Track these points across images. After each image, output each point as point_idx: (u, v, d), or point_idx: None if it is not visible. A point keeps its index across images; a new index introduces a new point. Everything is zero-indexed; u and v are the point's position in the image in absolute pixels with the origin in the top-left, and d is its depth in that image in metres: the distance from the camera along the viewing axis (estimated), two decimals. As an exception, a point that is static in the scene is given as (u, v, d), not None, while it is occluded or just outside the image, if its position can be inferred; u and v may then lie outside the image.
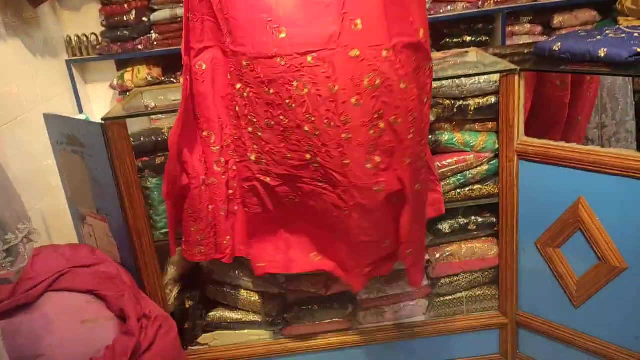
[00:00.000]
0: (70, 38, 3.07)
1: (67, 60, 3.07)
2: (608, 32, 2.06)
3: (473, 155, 2.04)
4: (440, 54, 2.37)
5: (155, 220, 2.04)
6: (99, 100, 3.28)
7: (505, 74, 1.92)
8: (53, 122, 2.10)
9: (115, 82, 3.11)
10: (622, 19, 2.88)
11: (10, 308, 1.64)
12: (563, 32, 3.12)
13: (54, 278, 1.73)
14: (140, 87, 2.92)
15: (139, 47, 3.05)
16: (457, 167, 2.03)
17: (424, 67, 1.65)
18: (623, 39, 1.94)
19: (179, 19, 3.00)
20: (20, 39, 2.57)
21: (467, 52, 2.40)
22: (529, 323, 2.15)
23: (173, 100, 2.23)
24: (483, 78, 1.98)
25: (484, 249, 2.16)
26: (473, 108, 2.01)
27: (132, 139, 1.93)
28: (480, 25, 3.19)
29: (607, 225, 1.85)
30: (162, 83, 3.11)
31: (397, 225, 1.76)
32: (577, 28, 3.13)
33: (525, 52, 2.31)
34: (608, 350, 1.95)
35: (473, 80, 1.98)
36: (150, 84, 3.03)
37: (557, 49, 2.01)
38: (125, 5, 3.02)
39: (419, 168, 1.73)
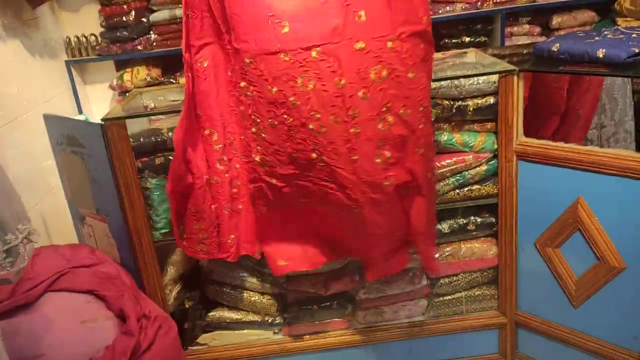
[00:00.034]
0: (70, 39, 3.07)
1: (66, 61, 3.07)
2: (606, 32, 2.06)
3: (472, 156, 2.04)
4: (439, 55, 2.37)
5: (155, 221, 2.04)
6: (99, 101, 3.28)
7: (504, 75, 1.92)
8: (53, 122, 2.10)
9: (115, 82, 3.11)
10: (620, 20, 2.89)
11: (10, 308, 1.64)
12: (562, 32, 3.12)
13: (54, 278, 1.73)
14: (140, 87, 2.92)
15: (138, 47, 3.06)
16: (456, 167, 2.04)
17: (431, 55, 1.64)
18: (621, 40, 1.94)
19: (178, 20, 3.00)
20: (20, 40, 2.57)
21: (465, 52, 2.40)
22: (528, 323, 2.15)
23: (172, 101, 2.23)
24: (482, 79, 1.98)
25: (483, 249, 2.16)
26: (472, 108, 2.01)
27: (131, 140, 1.93)
28: (479, 26, 3.20)
29: (606, 226, 1.85)
30: (161, 84, 3.11)
31: (407, 216, 1.75)
32: (575, 29, 3.14)
33: (524, 52, 2.31)
34: (607, 350, 1.96)
35: (472, 81, 1.98)
36: (150, 85, 3.03)
37: (555, 50, 2.01)
38: (125, 6, 3.02)
39: (431, 157, 1.72)
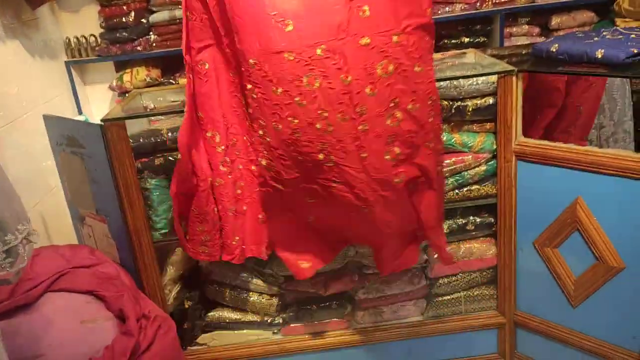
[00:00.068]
0: (70, 39, 3.07)
1: (66, 62, 3.08)
2: (605, 33, 2.07)
3: (471, 156, 2.04)
4: (439, 55, 2.37)
5: (154, 221, 2.04)
6: (98, 102, 3.28)
7: (503, 75, 1.92)
8: (52, 123, 2.10)
9: (114, 83, 3.11)
10: (619, 20, 2.89)
11: (10, 308, 1.64)
12: (561, 33, 3.12)
13: (54, 278, 1.73)
14: (139, 88, 2.93)
15: (138, 48, 3.06)
16: (455, 167, 2.04)
17: (432, 47, 1.62)
18: (620, 40, 1.95)
19: (178, 21, 3.01)
20: (20, 41, 2.57)
21: (465, 53, 2.40)
22: (527, 323, 2.16)
23: (172, 102, 2.23)
24: (481, 79, 1.98)
25: (482, 249, 2.16)
26: (471, 109, 2.01)
27: (131, 140, 1.93)
28: (478, 27, 3.20)
29: (604, 226, 1.85)
30: (161, 84, 3.12)
31: (417, 212, 1.74)
32: (574, 29, 3.14)
33: (523, 53, 2.32)
34: (605, 350, 1.96)
35: (471, 82, 1.99)
36: (149, 85, 3.04)
37: (554, 50, 2.02)
38: (124, 7, 3.02)
39: (440, 149, 1.71)
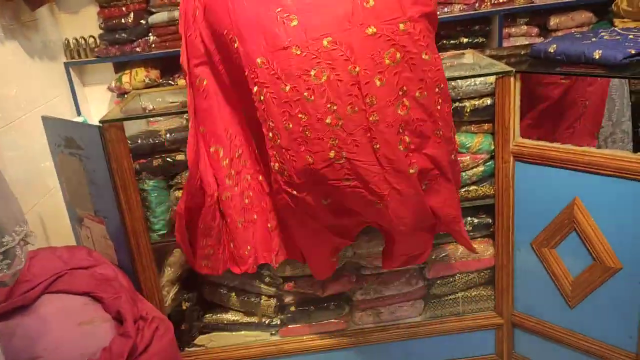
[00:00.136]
0: (69, 41, 3.07)
1: (65, 63, 3.08)
2: (603, 33, 2.07)
3: (469, 157, 2.04)
4: (437, 56, 2.37)
5: (152, 222, 2.05)
6: (97, 103, 3.29)
7: (501, 76, 1.92)
8: (51, 124, 2.11)
9: (113, 84, 3.11)
10: (617, 21, 2.89)
11: (7, 310, 1.64)
12: (559, 33, 3.13)
13: (51, 280, 1.73)
14: (138, 89, 2.93)
15: (137, 49, 3.06)
16: (453, 168, 2.04)
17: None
18: (618, 41, 1.95)
19: (177, 22, 3.00)
20: (19, 42, 2.57)
21: (463, 53, 2.40)
22: (525, 323, 2.16)
23: (170, 103, 2.24)
24: (479, 80, 1.98)
25: (480, 250, 2.15)
26: (469, 109, 2.02)
27: (129, 141, 1.94)
28: (477, 27, 3.20)
29: (602, 226, 1.86)
30: (160, 85, 3.12)
31: (434, 209, 1.72)
32: (573, 29, 3.15)
33: (522, 53, 2.32)
34: (603, 350, 1.96)
35: (469, 82, 1.99)
36: (148, 86, 3.04)
37: (552, 51, 2.02)
38: (124, 8, 3.03)
39: (450, 138, 1.68)
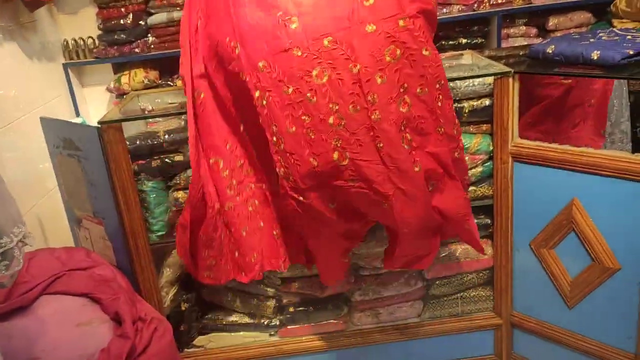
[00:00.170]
0: (67, 42, 3.08)
1: (64, 64, 3.08)
2: (601, 34, 2.07)
3: (467, 157, 2.03)
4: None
5: (151, 223, 2.05)
6: (96, 104, 3.29)
7: (499, 77, 1.92)
8: (49, 125, 2.11)
9: (112, 85, 3.12)
10: (616, 21, 2.90)
11: (5, 311, 1.63)
12: (558, 34, 3.13)
13: (50, 281, 1.73)
14: (137, 90, 2.93)
15: (136, 50, 3.07)
16: (451, 169, 2.04)
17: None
18: (616, 42, 1.95)
19: (176, 22, 3.01)
20: (17, 43, 2.58)
21: (462, 54, 2.41)
22: (523, 323, 2.16)
23: (169, 104, 2.24)
24: (477, 80, 1.99)
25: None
26: (467, 110, 2.02)
27: (128, 142, 1.93)
28: (476, 28, 3.21)
29: (600, 227, 1.86)
30: (158, 86, 3.13)
31: (440, 210, 1.71)
32: (572, 30, 3.15)
33: (520, 54, 2.32)
34: (601, 350, 1.96)
35: (467, 83, 1.99)
36: (147, 87, 3.05)
37: (550, 52, 2.02)
38: (122, 9, 3.03)
39: (453, 135, 1.67)
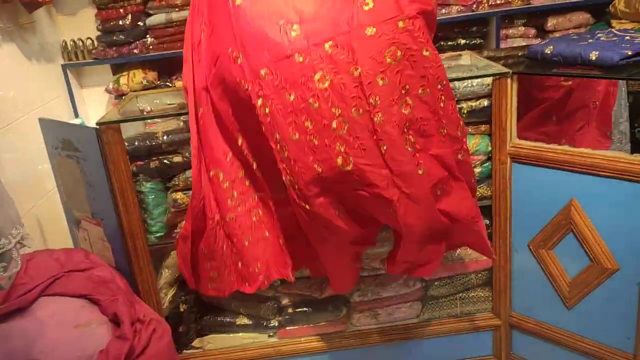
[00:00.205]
0: (66, 42, 3.07)
1: (62, 65, 3.08)
2: (600, 35, 2.07)
3: (466, 158, 2.05)
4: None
5: (150, 224, 2.04)
6: (95, 104, 3.29)
7: (498, 77, 1.93)
8: (48, 126, 2.10)
9: (111, 86, 3.12)
10: (615, 22, 2.89)
11: (4, 313, 1.63)
12: (557, 34, 3.13)
13: (48, 283, 1.73)
14: (136, 91, 2.93)
15: (135, 51, 3.06)
16: (450, 169, 2.04)
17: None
18: (614, 42, 1.95)
19: (175, 23, 3.01)
20: (16, 44, 2.57)
21: (460, 55, 2.41)
22: (522, 324, 2.16)
23: (168, 104, 2.24)
24: (476, 81, 1.99)
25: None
26: (466, 111, 2.02)
27: (126, 143, 1.93)
28: (475, 28, 3.20)
29: (599, 227, 1.86)
30: (157, 87, 3.12)
31: (447, 215, 1.68)
32: (570, 31, 3.15)
33: (519, 54, 2.32)
34: (600, 351, 1.96)
35: (466, 84, 1.99)
36: (146, 88, 3.04)
37: (549, 52, 2.02)
38: (121, 10, 3.03)
39: (456, 136, 1.65)
